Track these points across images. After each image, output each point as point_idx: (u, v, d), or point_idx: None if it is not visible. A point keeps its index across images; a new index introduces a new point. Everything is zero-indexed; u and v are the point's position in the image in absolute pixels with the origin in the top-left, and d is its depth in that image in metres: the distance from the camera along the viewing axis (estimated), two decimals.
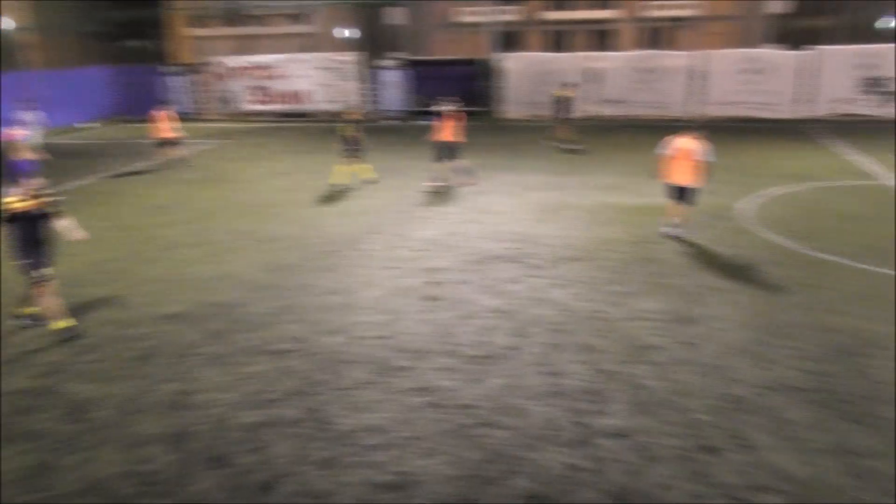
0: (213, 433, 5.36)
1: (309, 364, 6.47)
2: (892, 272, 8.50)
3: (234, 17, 55.51)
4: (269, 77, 27.98)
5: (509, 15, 45.66)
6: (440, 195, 13.49)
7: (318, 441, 5.21)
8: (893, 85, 22.42)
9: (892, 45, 23.28)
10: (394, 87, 26.64)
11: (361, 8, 47.58)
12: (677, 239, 10.18)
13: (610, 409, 5.56)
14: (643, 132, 22.02)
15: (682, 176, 10.10)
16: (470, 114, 25.75)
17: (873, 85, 22.63)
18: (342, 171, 14.55)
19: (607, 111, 24.55)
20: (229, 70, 28.30)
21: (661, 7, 43.94)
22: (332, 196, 13.70)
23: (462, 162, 14.17)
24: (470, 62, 26.88)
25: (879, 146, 17.87)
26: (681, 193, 10.19)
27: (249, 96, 28.43)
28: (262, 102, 28.34)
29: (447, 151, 14.00)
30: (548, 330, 7.12)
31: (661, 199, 12.46)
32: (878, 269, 8.62)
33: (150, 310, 7.87)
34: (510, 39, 44.68)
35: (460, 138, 14.01)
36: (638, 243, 10.03)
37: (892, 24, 39.85)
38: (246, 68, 28.21)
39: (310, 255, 9.86)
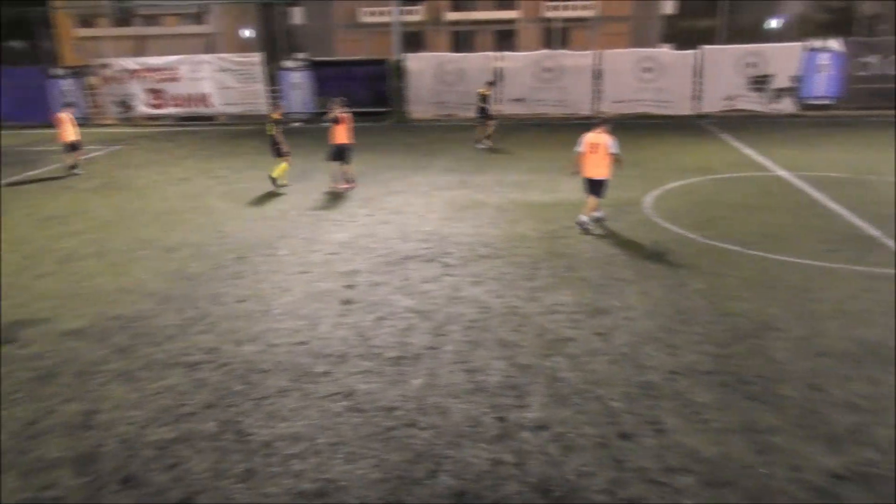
0: (124, 452, 5.10)
1: (223, 375, 6.27)
2: (784, 258, 9.06)
3: (125, 17, 53.10)
4: (166, 79, 26.93)
5: (413, 15, 45.85)
6: (350, 198, 13.38)
7: (237, 454, 5.06)
8: (777, 82, 23.91)
9: (776, 45, 24.91)
10: (298, 88, 26.17)
11: (262, 7, 46.50)
12: (594, 228, 10.57)
13: (529, 403, 5.67)
14: (547, 130, 22.60)
15: (594, 169, 10.46)
16: (376, 114, 25.84)
17: (760, 82, 24.06)
18: (279, 169, 14.44)
19: (511, 110, 25.00)
20: (124, 72, 27.04)
21: (559, 8, 45.16)
22: (239, 201, 13.34)
23: (348, 165, 14.08)
24: (375, 62, 26.72)
25: (768, 139, 19.05)
26: (594, 186, 10.56)
27: (146, 100, 27.26)
28: (160, 106, 27.26)
29: (338, 153, 13.90)
30: (465, 327, 7.19)
31: (569, 195, 12.84)
32: (770, 256, 9.17)
33: (49, 327, 7.42)
34: (414, 40, 44.83)
35: (348, 140, 13.89)
36: (549, 238, 10.27)
37: (774, 25, 42.54)
38: (141, 70, 27.03)
39: (218, 262, 9.56)
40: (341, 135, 13.78)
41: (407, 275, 8.86)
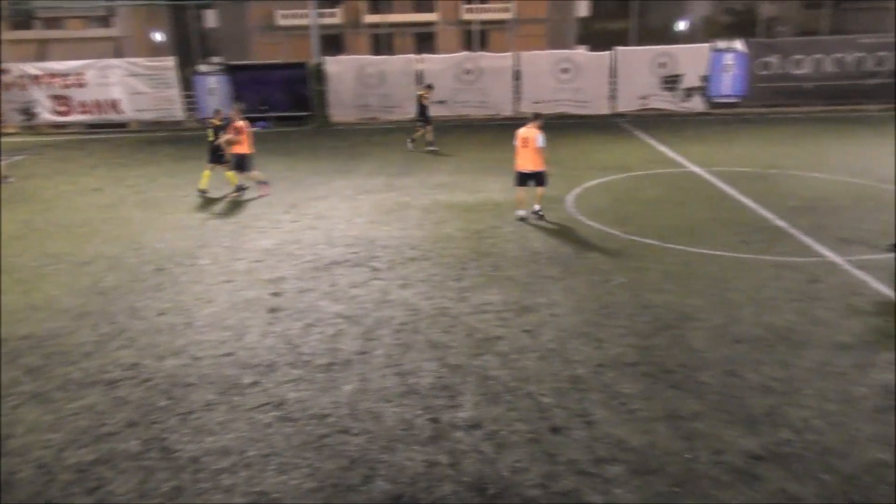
0: (41, 478, 4.84)
1: (145, 392, 6.04)
2: (701, 250, 9.43)
3: (25, 20, 50.45)
4: (72, 85, 25.72)
5: (331, 18, 45.43)
6: (274, 204, 13.13)
7: (163, 472, 4.88)
8: (687, 81, 24.89)
9: (685, 46, 25.96)
10: (214, 93, 25.45)
11: (173, 10, 45.04)
12: (535, 218, 11.21)
13: (461, 403, 5.70)
14: (470, 131, 22.81)
15: (525, 162, 11.03)
16: (298, 119, 25.47)
17: (671, 82, 25.00)
18: (228, 177, 14.21)
19: (434, 112, 25.07)
20: (25, 78, 25.68)
21: (477, 10, 45.65)
22: (156, 210, 12.89)
23: (254, 173, 13.82)
24: (294, 66, 26.27)
25: (680, 137, 19.83)
26: (528, 179, 11.14)
27: (51, 106, 25.98)
28: (66, 113, 26.03)
29: (240, 163, 13.57)
30: (395, 331, 7.17)
31: (494, 195, 13.00)
32: (688, 249, 9.53)
33: None
34: (334, 42, 44.42)
35: (247, 149, 13.50)
36: (475, 238, 10.37)
37: (682, 27, 44.29)
38: (44, 76, 25.73)
39: (135, 275, 9.21)
40: (239, 144, 13.37)
41: (335, 280, 8.76)
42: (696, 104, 25.15)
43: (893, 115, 22.23)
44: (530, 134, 10.91)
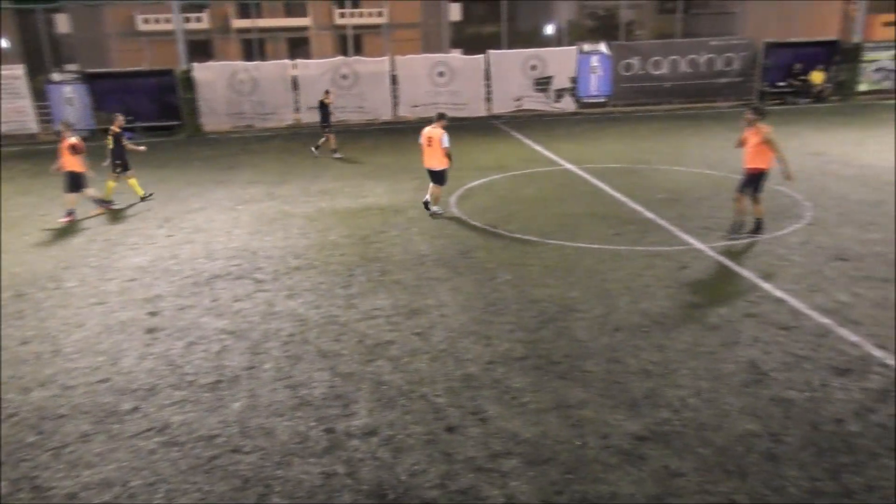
0: None
1: (10, 428, 5.57)
2: (579, 244, 9.83)
3: None
4: None
5: (198, 23, 43.74)
6: (146, 218, 12.48)
7: None
8: (557, 83, 25.88)
9: (554, 49, 27.00)
10: (73, 103, 23.81)
11: (18, 15, 41.78)
12: (441, 213, 11.76)
13: (356, 410, 5.65)
14: (349, 137, 22.63)
15: (431, 160, 11.59)
16: (167, 128, 24.32)
17: (542, 83, 25.91)
18: (132, 185, 13.80)
19: (312, 118, 24.76)
20: None
21: (351, 15, 45.37)
22: (12, 231, 11.91)
23: (88, 191, 12.82)
24: (161, 73, 25.05)
25: (554, 136, 20.58)
26: (433, 176, 11.66)
27: None
28: None
29: (71, 182, 12.46)
30: (283, 343, 7.00)
31: (378, 199, 12.98)
32: (567, 243, 9.91)
33: None
34: (202, 48, 42.80)
35: (79, 167, 12.42)
36: (361, 244, 10.30)
37: (550, 31, 46.01)
38: None
39: None
40: (73, 161, 12.34)
41: (216, 295, 8.44)
42: (567, 104, 26.21)
43: (741, 110, 24.16)
44: (435, 133, 11.45)
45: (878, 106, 24.85)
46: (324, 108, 18.65)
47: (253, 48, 30.10)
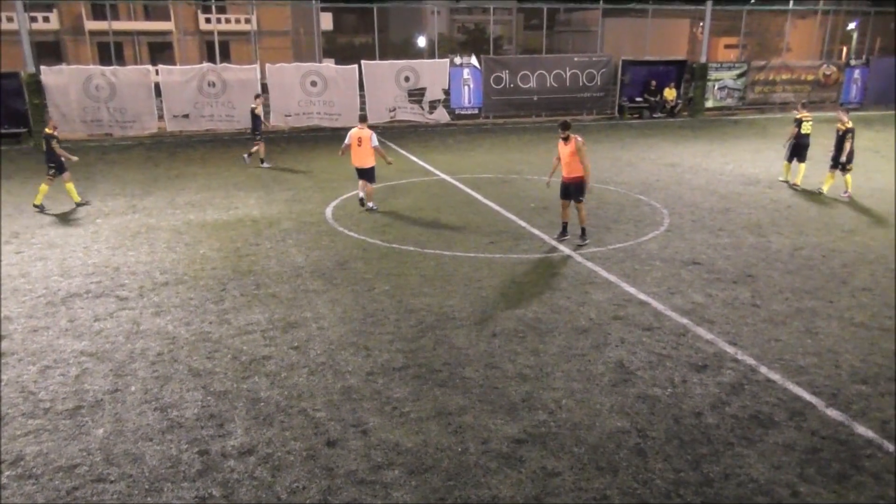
0: None
1: None
2: (455, 253, 10.00)
3: None
4: None
5: (47, 24, 40.77)
6: None
7: None
8: (431, 94, 26.21)
9: (427, 61, 27.34)
10: None
11: None
12: (376, 208, 12.55)
13: (231, 430, 5.44)
14: (217, 146, 21.84)
15: (360, 159, 12.31)
16: (13, 136, 22.39)
17: (416, 95, 26.16)
18: (68, 190, 13.26)
19: (176, 127, 23.69)
20: None
21: (217, 21, 43.85)
22: None
23: None
24: (5, 76, 22.97)
25: (429, 147, 20.83)
26: (363, 174, 12.42)
27: None
28: None
29: None
30: (151, 363, 6.63)
31: (249, 211, 12.60)
32: (444, 252, 10.06)
33: None
34: (52, 50, 39.92)
35: None
36: (233, 257, 9.95)
37: (422, 44, 46.62)
38: None
39: None
40: None
41: (74, 314, 7.87)
42: (441, 116, 26.60)
43: (604, 123, 25.53)
44: (363, 134, 12.25)
45: (723, 121, 27.15)
46: (254, 115, 17.80)
47: (110, 52, 28.29)
